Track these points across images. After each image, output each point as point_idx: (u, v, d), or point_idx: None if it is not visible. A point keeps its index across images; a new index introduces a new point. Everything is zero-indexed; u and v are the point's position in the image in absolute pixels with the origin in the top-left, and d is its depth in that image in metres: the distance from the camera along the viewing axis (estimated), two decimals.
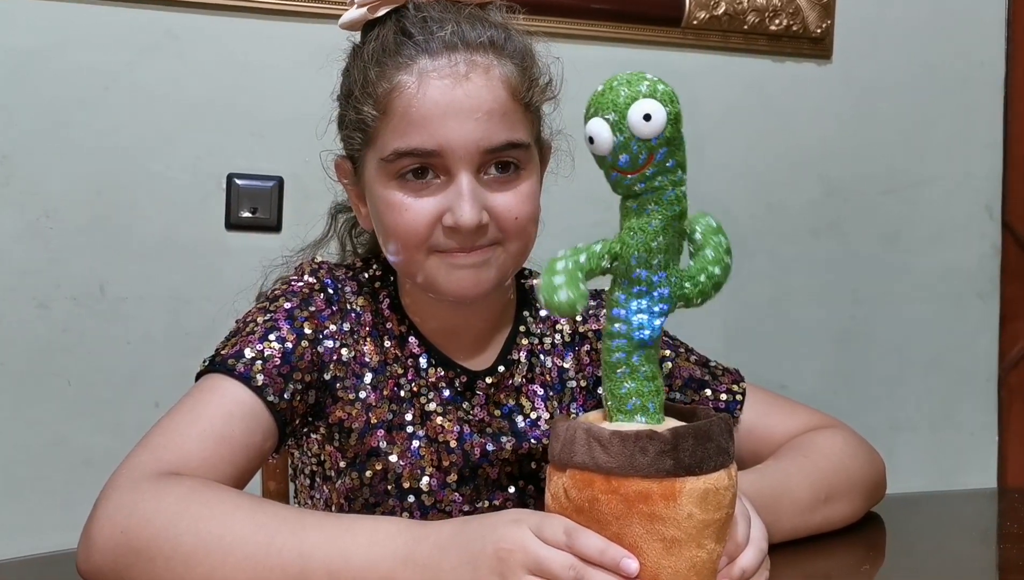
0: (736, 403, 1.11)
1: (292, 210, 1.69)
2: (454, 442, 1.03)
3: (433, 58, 0.96)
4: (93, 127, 1.63)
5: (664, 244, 0.76)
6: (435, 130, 0.95)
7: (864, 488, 1.08)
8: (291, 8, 1.68)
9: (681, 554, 0.74)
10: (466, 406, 1.05)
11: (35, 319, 1.62)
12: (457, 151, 0.95)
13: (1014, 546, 1.12)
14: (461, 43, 0.97)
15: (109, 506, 0.85)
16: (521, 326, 1.10)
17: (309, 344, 0.99)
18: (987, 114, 1.99)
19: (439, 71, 0.96)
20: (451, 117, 0.95)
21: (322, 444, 1.04)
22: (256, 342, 0.97)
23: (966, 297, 2.00)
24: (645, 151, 0.74)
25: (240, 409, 0.94)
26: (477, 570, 0.76)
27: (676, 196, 0.76)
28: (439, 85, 0.96)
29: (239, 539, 0.81)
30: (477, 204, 0.96)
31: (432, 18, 0.98)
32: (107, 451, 1.67)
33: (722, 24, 1.83)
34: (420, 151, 0.96)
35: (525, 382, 1.08)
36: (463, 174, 0.96)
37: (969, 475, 1.99)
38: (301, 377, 0.98)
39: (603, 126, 0.74)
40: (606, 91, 0.75)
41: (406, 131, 0.96)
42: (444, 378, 1.05)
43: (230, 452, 0.92)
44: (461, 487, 1.03)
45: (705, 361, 1.14)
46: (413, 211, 0.97)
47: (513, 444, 1.05)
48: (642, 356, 0.77)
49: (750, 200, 1.89)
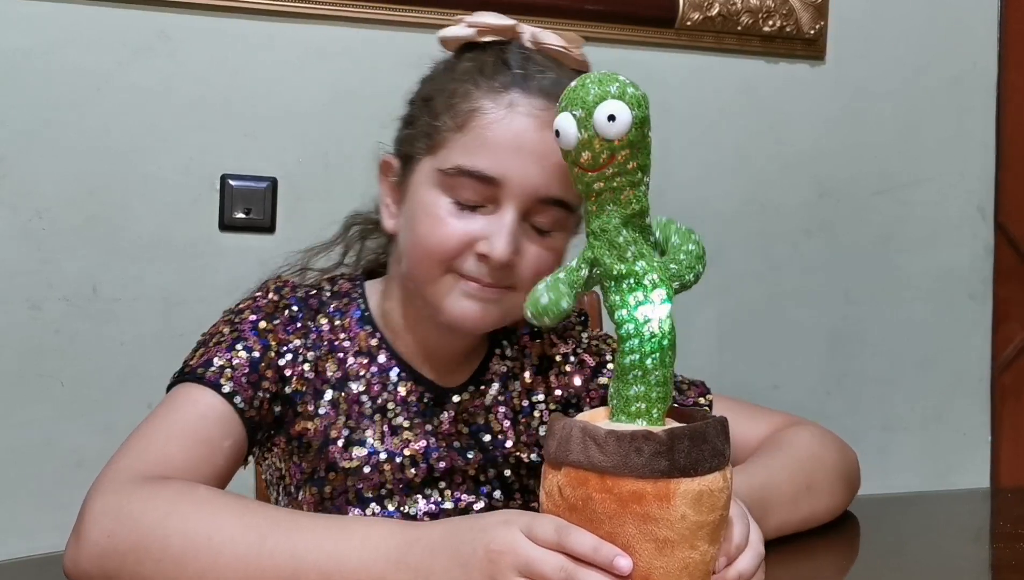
0: None
1: (286, 211, 1.69)
2: (420, 456, 1.04)
3: (527, 96, 0.98)
4: (86, 127, 1.62)
5: (630, 236, 0.77)
6: (503, 160, 0.96)
7: (841, 477, 1.10)
8: (284, 9, 1.68)
9: (673, 555, 0.74)
10: (435, 421, 1.06)
11: (27, 320, 1.62)
12: (515, 187, 0.96)
13: (1007, 545, 1.12)
14: (553, 93, 0.96)
15: (95, 510, 0.85)
16: (496, 349, 1.11)
17: (274, 356, 1.01)
18: (980, 115, 2.00)
19: (527, 109, 0.97)
20: (523, 154, 0.96)
21: (283, 458, 1.05)
22: (224, 351, 0.99)
23: (959, 298, 2.00)
24: (607, 151, 0.75)
25: (213, 412, 0.96)
26: (468, 572, 0.76)
27: (636, 196, 0.76)
28: (524, 122, 0.97)
29: (229, 540, 0.81)
30: (514, 242, 0.97)
31: (535, 61, 1.00)
32: (99, 452, 1.65)
33: (716, 25, 1.83)
34: (481, 174, 0.97)
35: (495, 403, 1.09)
36: (510, 210, 0.97)
37: (962, 475, 2.00)
38: (267, 386, 1.00)
39: (570, 121, 0.75)
40: (578, 87, 0.75)
41: (476, 151, 0.97)
42: (415, 392, 1.06)
43: (209, 453, 0.94)
44: (424, 489, 1.05)
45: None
46: (451, 228, 0.98)
47: (481, 459, 1.07)
48: (656, 360, 0.76)
49: (743, 200, 1.89)
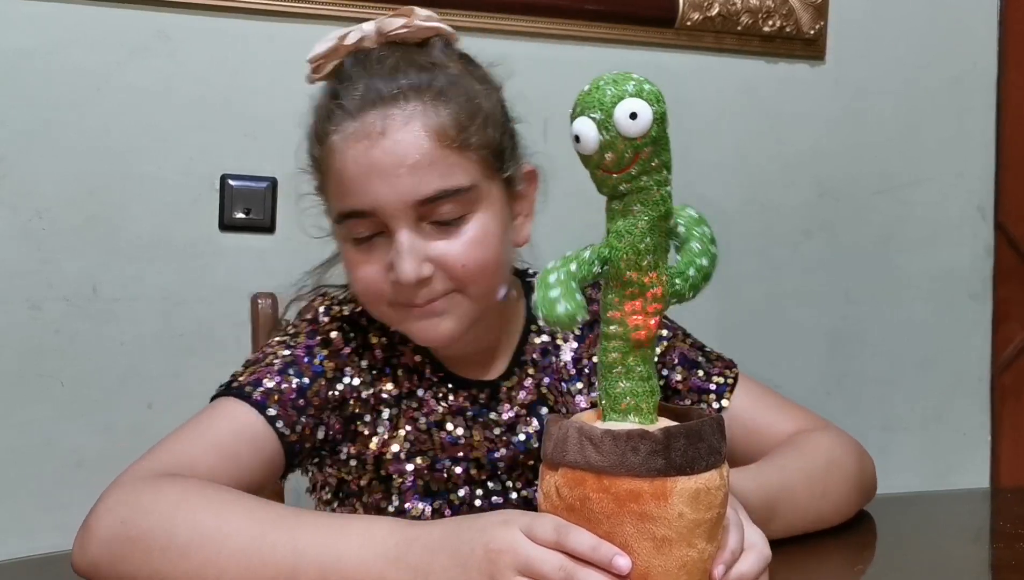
0: (726, 386, 1.12)
1: (286, 211, 1.68)
2: (483, 455, 1.05)
3: (354, 119, 0.98)
4: (85, 128, 1.62)
5: (652, 244, 0.76)
6: (363, 190, 0.97)
7: (857, 484, 1.10)
8: (284, 8, 1.68)
9: (671, 553, 0.74)
10: (493, 416, 1.07)
11: (27, 320, 1.62)
12: (387, 209, 0.96)
13: (1007, 545, 1.12)
14: (377, 99, 0.97)
15: (110, 501, 0.86)
16: (532, 325, 1.11)
17: (327, 382, 1.01)
18: (980, 115, 1.99)
19: (356, 134, 0.97)
20: (375, 177, 0.96)
21: (340, 468, 1.06)
22: (275, 374, 0.99)
23: (959, 298, 2.00)
24: (631, 150, 0.74)
25: (250, 431, 0.96)
26: (467, 572, 0.76)
27: (661, 196, 0.76)
28: (358, 147, 0.97)
29: (234, 532, 0.82)
30: (416, 259, 0.96)
31: (353, 75, 0.99)
32: (99, 453, 1.66)
33: (715, 25, 1.83)
34: (356, 211, 0.98)
35: (544, 377, 1.09)
36: (400, 230, 0.97)
37: (962, 475, 2.00)
38: (315, 412, 1.00)
39: (589, 125, 0.74)
40: (592, 90, 0.75)
41: (341, 194, 0.99)
42: (469, 396, 1.07)
43: (235, 469, 0.94)
44: (487, 483, 1.05)
45: (701, 346, 1.16)
46: (364, 269, 1.00)
47: (539, 433, 1.06)
48: (638, 357, 0.77)
49: (743, 201, 1.89)
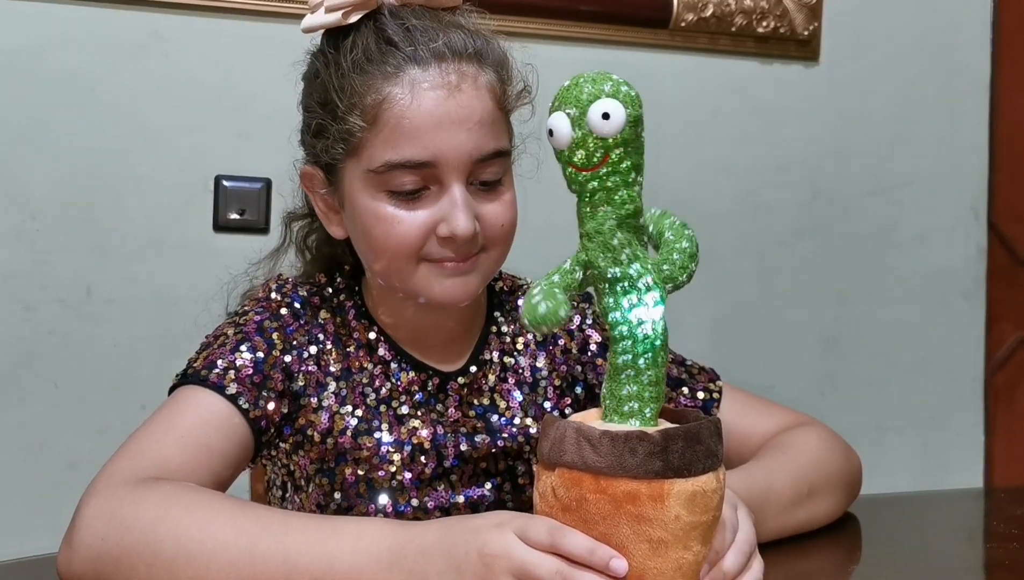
0: (713, 401, 1.11)
1: (280, 212, 1.67)
2: (428, 444, 1.03)
3: (423, 68, 0.96)
4: (79, 129, 1.62)
5: (624, 239, 0.76)
6: (429, 141, 0.95)
7: (843, 482, 1.10)
8: (278, 9, 1.68)
9: (667, 555, 0.74)
10: (439, 407, 1.05)
11: (21, 321, 1.61)
12: (451, 162, 0.96)
13: (1000, 545, 1.12)
14: (450, 53, 0.97)
15: (88, 513, 0.85)
16: (492, 326, 1.10)
17: (279, 354, 1.00)
18: (973, 115, 2.00)
19: (431, 81, 0.96)
20: (445, 128, 0.95)
21: (289, 454, 1.05)
22: (228, 353, 0.98)
23: (952, 298, 2.01)
24: (601, 150, 0.74)
25: (216, 417, 0.95)
26: (462, 576, 0.76)
27: (628, 196, 0.76)
28: (432, 96, 0.96)
29: (221, 545, 0.81)
30: (471, 213, 0.97)
31: (415, 27, 0.98)
32: (93, 454, 1.65)
33: (710, 26, 1.83)
34: (413, 162, 0.96)
35: (498, 382, 1.08)
36: (456, 185, 0.96)
37: (956, 475, 2.00)
38: (273, 385, 0.99)
39: (563, 120, 0.75)
40: (571, 86, 0.75)
41: (398, 142, 0.96)
42: (416, 381, 1.05)
43: (208, 458, 0.93)
44: (435, 483, 1.04)
45: (682, 360, 1.15)
46: (406, 224, 0.97)
47: (488, 442, 1.05)
48: (649, 359, 0.76)
49: (737, 201, 1.89)
